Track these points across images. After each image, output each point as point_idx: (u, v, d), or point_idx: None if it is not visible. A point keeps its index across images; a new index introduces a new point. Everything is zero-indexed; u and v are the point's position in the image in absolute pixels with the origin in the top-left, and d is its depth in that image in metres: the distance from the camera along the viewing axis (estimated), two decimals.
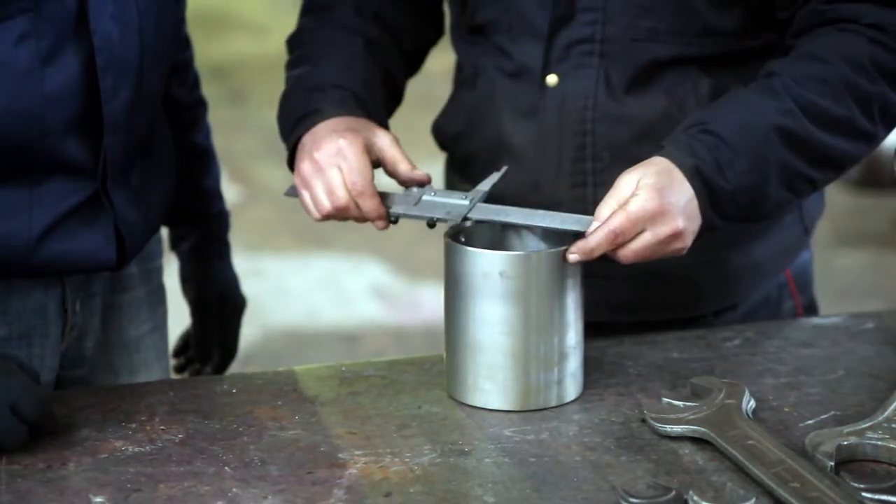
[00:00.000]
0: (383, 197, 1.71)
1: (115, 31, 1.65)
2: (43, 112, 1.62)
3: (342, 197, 1.69)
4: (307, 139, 1.74)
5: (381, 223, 1.71)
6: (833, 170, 1.72)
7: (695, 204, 1.62)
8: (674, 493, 1.39)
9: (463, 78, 1.93)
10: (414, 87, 2.01)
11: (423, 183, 1.73)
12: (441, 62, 2.07)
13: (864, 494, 1.38)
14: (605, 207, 1.60)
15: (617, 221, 1.58)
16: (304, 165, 1.72)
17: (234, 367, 2.17)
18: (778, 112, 1.66)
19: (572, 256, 1.60)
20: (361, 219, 1.72)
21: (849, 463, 1.47)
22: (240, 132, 6.26)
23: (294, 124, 1.78)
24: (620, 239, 1.58)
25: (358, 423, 1.60)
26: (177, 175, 1.92)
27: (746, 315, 1.92)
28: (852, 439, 1.49)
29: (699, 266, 1.86)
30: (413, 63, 1.98)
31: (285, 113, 1.82)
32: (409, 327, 4.45)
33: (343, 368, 1.76)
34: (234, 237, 2.17)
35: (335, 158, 1.69)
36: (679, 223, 1.60)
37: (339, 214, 1.71)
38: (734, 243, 1.86)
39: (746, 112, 1.67)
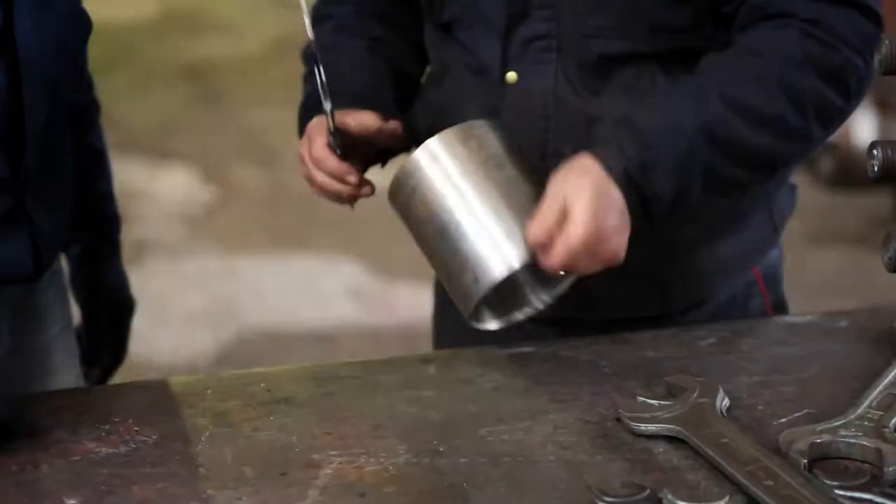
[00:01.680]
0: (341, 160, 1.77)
1: (36, 43, 1.64)
2: None
3: (322, 179, 1.78)
4: None
5: (352, 178, 1.77)
6: (763, 170, 1.73)
7: (626, 214, 1.64)
8: (648, 491, 1.39)
9: (432, 75, 1.94)
10: None
11: (396, 130, 1.79)
12: None
13: (837, 492, 1.38)
14: (539, 224, 1.61)
15: (558, 258, 1.61)
16: (303, 169, 1.81)
17: (210, 368, 2.17)
18: (705, 113, 1.65)
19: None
20: (342, 181, 1.78)
21: (822, 461, 1.48)
22: (214, 133, 6.25)
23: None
24: (567, 269, 1.63)
25: (332, 424, 1.60)
26: (75, 180, 1.91)
27: (714, 313, 1.93)
28: (825, 437, 1.50)
29: (665, 264, 1.87)
30: (423, 48, 1.99)
31: (300, 129, 1.88)
32: (385, 328, 4.44)
33: (318, 369, 1.76)
34: (210, 238, 2.17)
35: (303, 147, 1.79)
36: (615, 246, 1.63)
37: (328, 194, 1.79)
38: (700, 242, 1.86)
39: (674, 113, 1.67)
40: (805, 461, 1.45)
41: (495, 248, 1.62)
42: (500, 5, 1.79)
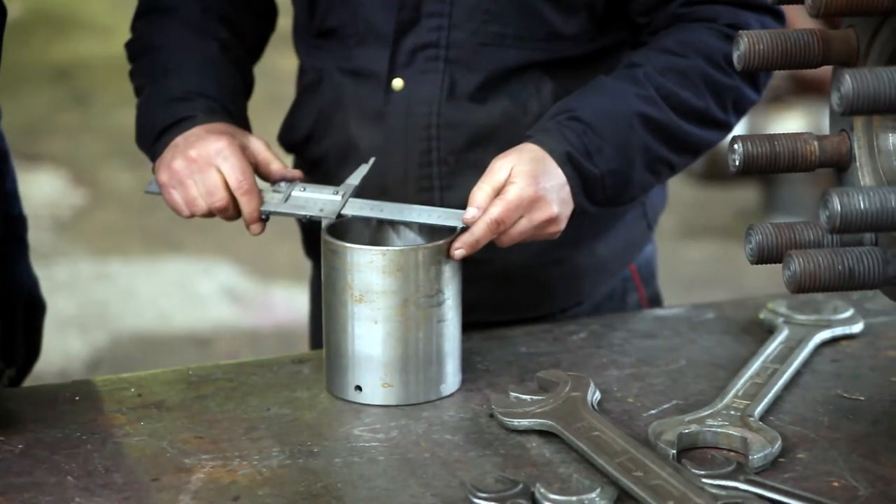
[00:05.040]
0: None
1: None
2: None
3: (222, 197, 1.70)
4: (179, 140, 1.74)
5: (256, 227, 1.72)
6: (689, 154, 1.80)
7: (567, 189, 1.68)
8: (521, 486, 1.40)
9: (307, 83, 1.92)
10: (263, 86, 2.00)
11: (295, 179, 1.74)
12: (290, 62, 2.07)
13: (704, 481, 1.41)
14: (480, 193, 1.64)
15: (496, 211, 1.62)
16: (178, 164, 1.71)
17: (83, 374, 2.13)
18: (640, 99, 1.73)
19: (458, 252, 1.62)
20: (233, 218, 1.72)
21: (690, 450, 1.51)
22: (85, 134, 6.14)
23: (162, 132, 1.77)
24: (501, 227, 1.63)
25: (205, 427, 1.58)
26: None
27: (593, 310, 1.96)
28: (693, 427, 1.52)
29: (545, 266, 1.89)
30: (255, 57, 1.98)
31: (148, 122, 1.80)
32: (261, 329, 4.41)
33: (190, 372, 1.73)
34: (81, 241, 2.13)
35: (214, 159, 1.70)
36: (554, 209, 1.65)
37: (209, 213, 1.72)
38: (579, 242, 1.89)
39: (611, 100, 1.73)
40: (673, 451, 1.48)
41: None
42: (390, 13, 1.79)
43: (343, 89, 1.85)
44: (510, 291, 1.90)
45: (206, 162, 1.70)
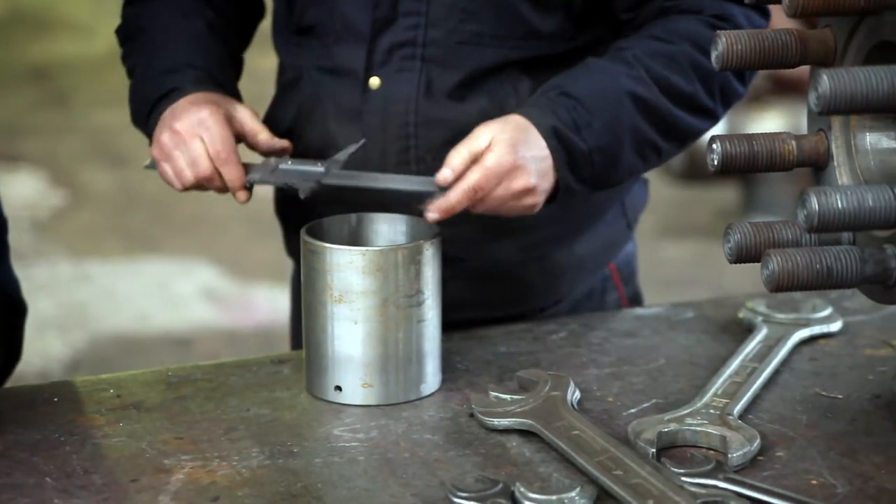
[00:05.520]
0: (243, 167, 1.74)
1: None
2: None
3: (206, 167, 1.72)
4: (167, 113, 1.76)
5: (241, 194, 1.74)
6: (676, 140, 1.80)
7: (549, 163, 1.67)
8: (501, 485, 1.41)
9: (287, 80, 1.92)
10: (244, 86, 2.00)
11: (284, 150, 1.77)
12: (270, 61, 2.07)
13: (683, 479, 1.41)
14: (457, 156, 1.65)
15: (475, 177, 1.63)
16: (164, 137, 1.74)
17: (63, 375, 2.12)
18: (631, 79, 1.73)
19: (431, 215, 1.64)
20: (223, 189, 1.75)
21: (670, 449, 1.51)
22: (64, 135, 6.11)
23: (153, 106, 1.79)
24: (480, 194, 1.64)
25: (184, 428, 1.58)
26: None
27: (571, 308, 1.96)
28: (672, 426, 1.53)
29: (524, 264, 1.89)
30: (244, 43, 1.99)
31: (141, 97, 1.82)
32: (241, 329, 4.40)
33: (169, 373, 1.73)
34: (60, 242, 2.12)
35: (197, 129, 1.72)
36: (531, 180, 1.65)
37: (201, 185, 1.74)
38: (558, 240, 1.89)
39: (602, 77, 1.74)
40: (653, 450, 1.48)
41: None
42: (366, 11, 1.80)
43: (321, 87, 1.86)
44: (489, 290, 1.90)
45: (189, 133, 1.72)
